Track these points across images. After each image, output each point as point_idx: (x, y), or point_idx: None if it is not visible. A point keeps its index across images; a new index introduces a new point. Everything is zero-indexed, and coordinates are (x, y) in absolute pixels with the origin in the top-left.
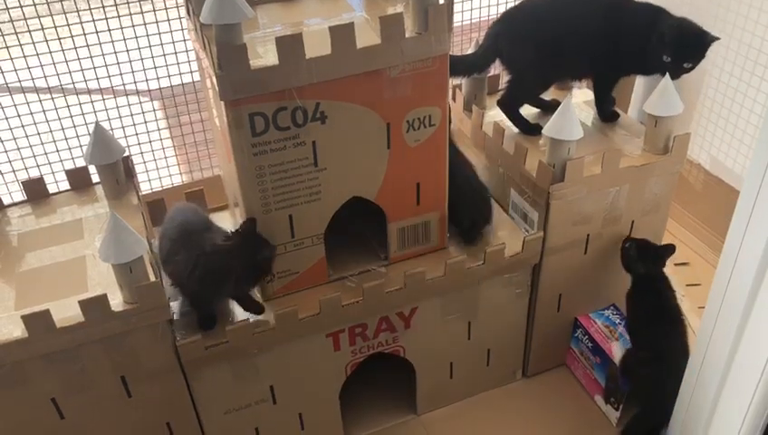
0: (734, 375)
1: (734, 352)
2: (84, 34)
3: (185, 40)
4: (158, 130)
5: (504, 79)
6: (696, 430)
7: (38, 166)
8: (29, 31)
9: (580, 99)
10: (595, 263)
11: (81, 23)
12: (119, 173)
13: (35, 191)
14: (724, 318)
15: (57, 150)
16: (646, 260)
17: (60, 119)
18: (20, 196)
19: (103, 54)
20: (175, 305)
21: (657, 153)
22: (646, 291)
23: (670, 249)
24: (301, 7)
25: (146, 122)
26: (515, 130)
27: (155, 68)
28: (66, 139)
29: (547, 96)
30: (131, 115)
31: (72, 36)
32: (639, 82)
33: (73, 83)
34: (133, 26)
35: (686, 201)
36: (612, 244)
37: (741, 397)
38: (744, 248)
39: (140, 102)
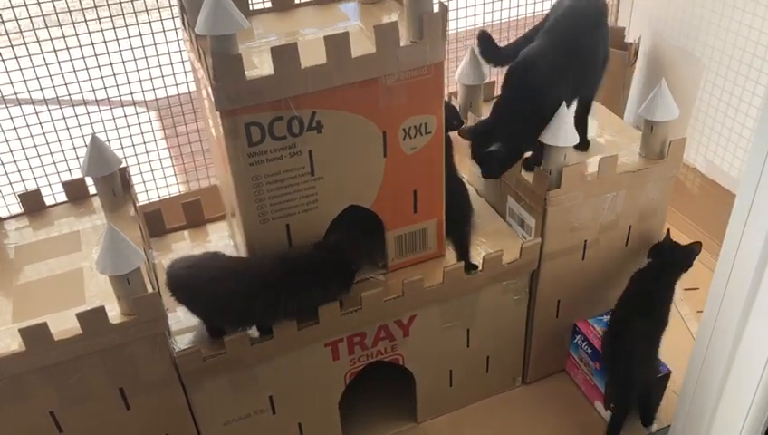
0: (734, 378)
1: (733, 356)
2: (80, 46)
3: (180, 50)
4: (155, 140)
5: None
6: (698, 433)
7: (35, 178)
8: (24, 43)
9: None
10: (593, 268)
11: (76, 34)
12: (115, 184)
13: (32, 203)
14: (723, 321)
15: (54, 162)
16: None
17: (56, 130)
18: (17, 208)
19: (99, 66)
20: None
21: (654, 158)
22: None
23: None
24: (296, 17)
25: (142, 133)
26: None
27: (151, 79)
28: (63, 150)
29: None
30: (128, 126)
31: (67, 48)
32: (635, 87)
33: (69, 95)
34: (129, 37)
35: (683, 205)
36: (610, 249)
37: (741, 400)
38: (741, 251)
39: (137, 113)
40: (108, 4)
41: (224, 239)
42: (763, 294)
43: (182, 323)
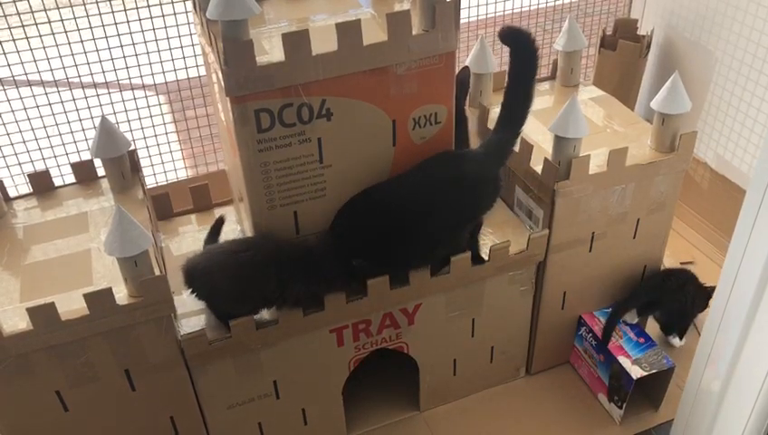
0: (739, 374)
1: (740, 351)
2: (91, 28)
3: (191, 34)
4: (164, 124)
5: None
6: (700, 428)
7: (44, 159)
8: (35, 24)
9: (585, 96)
10: (600, 261)
11: (87, 16)
12: (124, 167)
13: (41, 184)
14: (730, 317)
15: (63, 144)
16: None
17: (66, 112)
18: (26, 188)
19: (109, 48)
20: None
21: (664, 151)
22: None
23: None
24: (307, 3)
25: (151, 116)
26: None
27: (161, 62)
28: (72, 132)
29: (552, 93)
30: (137, 109)
31: (78, 30)
32: (647, 79)
33: (80, 77)
34: (140, 20)
35: (692, 200)
36: (617, 242)
37: (746, 395)
38: (750, 248)
39: (146, 96)
40: None
41: (231, 224)
42: None
43: (188, 306)
